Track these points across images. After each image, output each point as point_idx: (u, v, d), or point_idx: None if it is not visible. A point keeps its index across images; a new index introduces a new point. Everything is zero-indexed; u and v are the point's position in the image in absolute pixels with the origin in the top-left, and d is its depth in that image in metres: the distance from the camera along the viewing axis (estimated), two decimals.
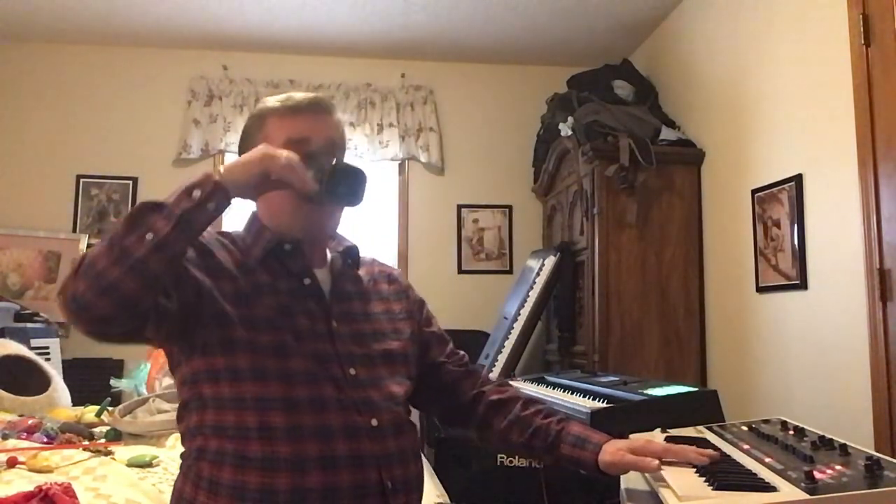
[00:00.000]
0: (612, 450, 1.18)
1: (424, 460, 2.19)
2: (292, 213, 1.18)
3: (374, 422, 1.13)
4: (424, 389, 1.37)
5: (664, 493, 1.02)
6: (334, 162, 1.13)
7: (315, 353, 1.13)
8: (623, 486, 1.21)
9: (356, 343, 1.19)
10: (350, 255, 1.30)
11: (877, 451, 1.39)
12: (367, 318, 1.25)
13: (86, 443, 2.08)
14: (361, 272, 1.31)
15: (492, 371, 3.25)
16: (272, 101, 1.23)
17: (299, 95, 1.23)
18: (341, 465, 1.08)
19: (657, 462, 1.11)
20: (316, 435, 1.08)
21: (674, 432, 1.39)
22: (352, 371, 1.15)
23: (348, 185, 1.10)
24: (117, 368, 3.66)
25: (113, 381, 2.82)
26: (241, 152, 1.21)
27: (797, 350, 2.50)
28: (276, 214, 1.21)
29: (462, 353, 1.43)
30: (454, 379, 1.37)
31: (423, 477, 1.24)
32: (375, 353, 1.21)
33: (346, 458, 1.08)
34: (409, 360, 1.28)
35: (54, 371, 2.84)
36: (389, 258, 4.13)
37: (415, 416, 3.95)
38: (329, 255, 1.29)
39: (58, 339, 3.47)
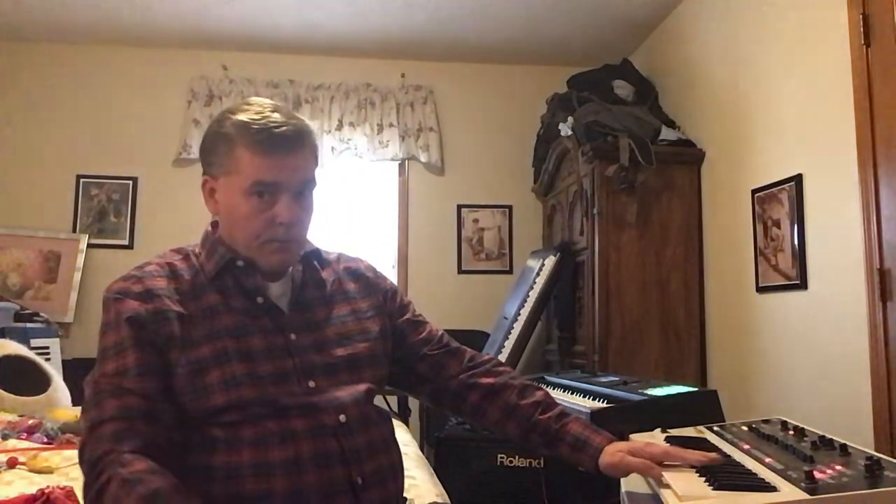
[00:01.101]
0: (612, 451, 1.16)
1: (423, 459, 2.19)
2: (252, 250, 1.17)
3: (343, 418, 1.13)
4: (407, 376, 1.36)
5: (664, 493, 1.02)
6: None
7: (272, 370, 1.12)
8: (623, 486, 1.21)
9: (317, 352, 1.17)
10: (312, 259, 1.27)
11: (877, 451, 1.39)
12: (329, 323, 1.22)
13: None
14: (325, 274, 1.28)
15: None
16: (243, 120, 1.14)
17: (274, 123, 1.13)
18: (306, 467, 1.07)
19: (658, 469, 1.09)
20: (280, 439, 1.07)
21: (674, 432, 1.39)
22: (311, 384, 1.14)
23: None
24: None
25: None
26: (203, 164, 1.19)
27: (797, 350, 2.50)
28: (235, 243, 1.19)
29: (440, 332, 1.39)
30: (436, 362, 1.34)
31: (399, 466, 1.23)
32: (338, 359, 1.19)
33: (311, 458, 1.08)
34: (377, 361, 1.26)
35: (54, 371, 2.84)
36: (389, 258, 4.14)
37: (415, 416, 3.93)
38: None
39: (58, 339, 3.47)
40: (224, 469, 1.06)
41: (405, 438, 2.22)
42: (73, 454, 1.88)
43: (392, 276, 3.95)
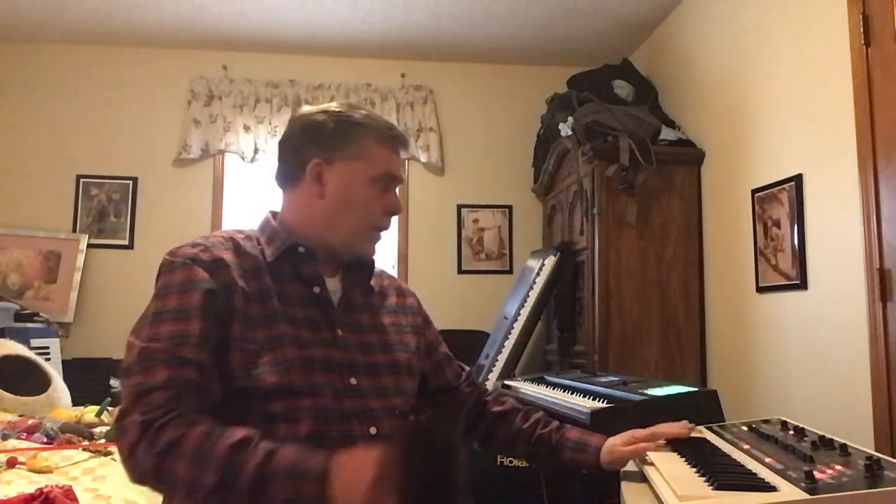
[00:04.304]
0: (608, 449, 1.28)
1: None
2: (354, 237, 1.21)
3: (373, 430, 1.14)
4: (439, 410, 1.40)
5: (664, 492, 1.02)
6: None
7: (322, 357, 1.14)
8: (623, 486, 1.21)
9: (361, 352, 1.19)
10: (365, 265, 1.30)
11: (877, 451, 1.39)
12: (374, 329, 1.25)
13: (86, 443, 2.08)
14: (373, 282, 1.32)
15: (492, 371, 3.25)
16: (365, 115, 1.22)
17: (394, 126, 1.26)
18: None
19: (650, 444, 1.25)
20: (311, 445, 1.05)
21: None
22: (353, 381, 1.15)
23: None
24: (117, 368, 3.65)
25: (113, 381, 2.82)
26: (315, 146, 1.19)
27: (797, 350, 2.50)
28: (335, 229, 1.20)
29: (467, 368, 1.48)
30: (465, 399, 1.43)
31: None
32: (381, 362, 1.21)
33: None
34: (413, 373, 1.29)
35: (54, 371, 2.85)
36: (389, 258, 4.14)
37: None
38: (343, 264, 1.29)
39: (58, 339, 3.47)
40: None
41: None
42: (73, 454, 1.89)
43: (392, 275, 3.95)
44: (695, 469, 1.09)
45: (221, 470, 0.94)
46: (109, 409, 2.38)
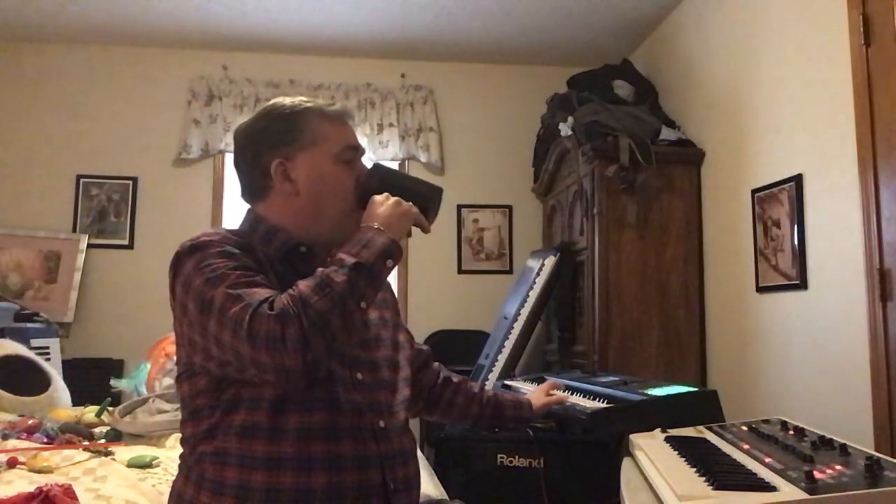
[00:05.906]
0: (535, 399, 1.71)
1: (424, 459, 2.20)
2: (343, 219, 1.21)
3: (382, 423, 1.16)
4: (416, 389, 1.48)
5: (664, 492, 1.02)
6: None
7: None
8: (623, 485, 1.21)
9: (362, 348, 1.20)
10: None
11: (877, 451, 1.39)
12: (365, 325, 1.25)
13: (86, 443, 2.08)
14: None
15: (492, 371, 3.25)
16: (301, 100, 1.23)
17: (334, 103, 1.28)
18: (346, 466, 1.09)
19: (563, 395, 1.80)
20: (324, 435, 1.09)
21: (674, 432, 1.40)
22: (358, 375, 1.17)
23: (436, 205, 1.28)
24: (117, 368, 3.66)
25: (113, 381, 2.82)
26: (268, 147, 1.21)
27: (797, 350, 2.50)
28: (322, 219, 1.21)
29: (426, 347, 1.59)
30: (435, 376, 1.58)
31: (420, 476, 1.27)
32: (380, 358, 1.23)
33: (352, 458, 1.10)
34: (406, 365, 1.32)
35: (54, 371, 2.84)
36: None
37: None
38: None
39: (58, 339, 3.47)
40: (265, 459, 1.06)
41: None
42: (73, 454, 1.89)
43: (391, 276, 3.95)
44: (695, 469, 1.09)
45: (350, 290, 1.05)
46: (109, 409, 2.38)
